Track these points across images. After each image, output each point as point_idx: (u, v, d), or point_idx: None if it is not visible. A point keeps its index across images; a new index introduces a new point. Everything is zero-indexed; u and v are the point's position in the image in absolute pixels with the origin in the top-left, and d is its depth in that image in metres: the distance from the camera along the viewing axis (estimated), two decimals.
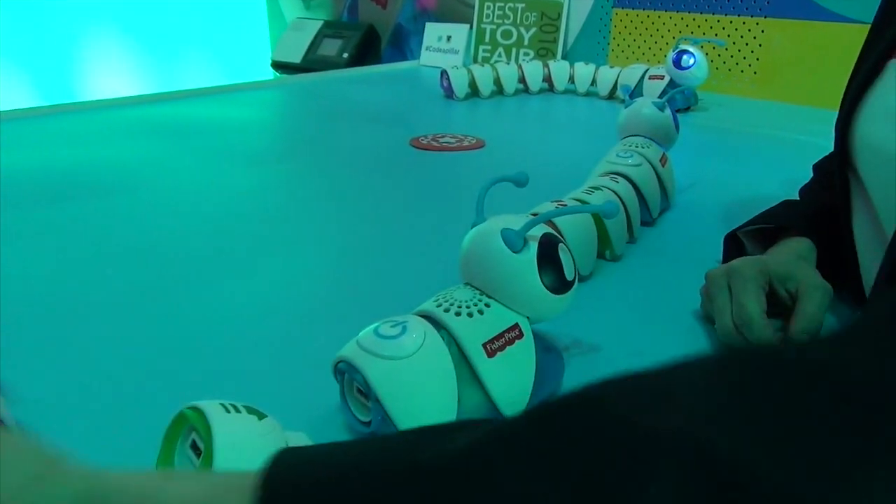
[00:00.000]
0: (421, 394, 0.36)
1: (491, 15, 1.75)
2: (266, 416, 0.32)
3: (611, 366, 0.47)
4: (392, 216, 0.77)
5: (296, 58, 2.07)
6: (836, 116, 0.50)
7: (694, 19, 1.46)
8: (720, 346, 0.48)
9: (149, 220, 0.75)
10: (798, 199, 0.66)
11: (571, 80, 1.45)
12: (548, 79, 1.46)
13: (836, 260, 0.52)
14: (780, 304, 0.47)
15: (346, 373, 0.38)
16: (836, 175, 0.50)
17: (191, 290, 0.58)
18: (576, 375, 0.45)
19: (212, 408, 0.30)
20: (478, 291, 0.40)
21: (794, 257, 0.51)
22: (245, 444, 0.29)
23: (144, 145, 1.05)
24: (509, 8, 1.72)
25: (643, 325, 0.52)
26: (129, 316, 0.53)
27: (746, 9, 1.39)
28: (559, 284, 0.40)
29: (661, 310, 0.55)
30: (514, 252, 0.39)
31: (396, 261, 0.65)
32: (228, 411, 0.30)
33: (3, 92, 1.94)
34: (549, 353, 0.43)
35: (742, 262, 0.49)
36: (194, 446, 0.31)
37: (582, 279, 0.59)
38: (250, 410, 0.31)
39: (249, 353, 0.48)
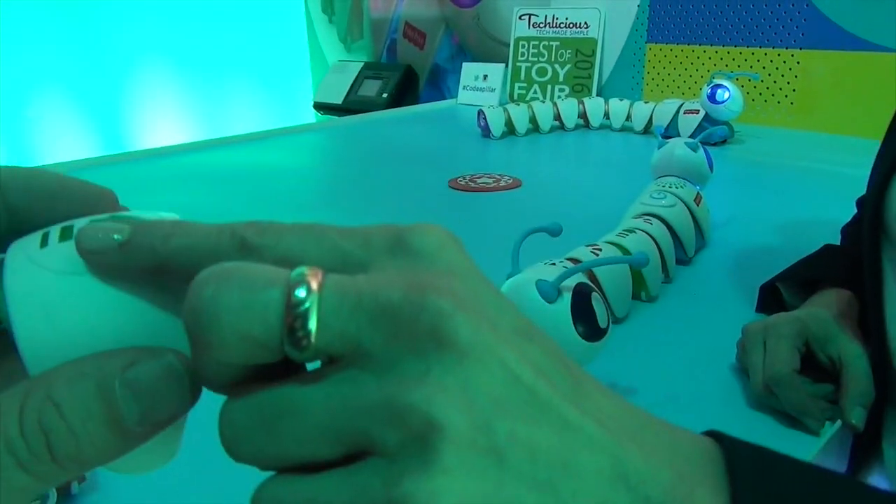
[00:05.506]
0: None
1: (526, 53, 1.79)
2: None
3: (647, 409, 0.48)
4: None
5: (337, 99, 2.14)
6: (876, 148, 0.51)
7: (728, 52, 1.48)
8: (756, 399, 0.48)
9: None
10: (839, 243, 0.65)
11: (606, 115, 1.47)
12: (583, 115, 1.49)
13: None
14: (819, 367, 0.48)
15: None
16: (864, 240, 0.49)
17: None
18: None
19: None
20: None
21: (833, 315, 0.50)
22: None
23: (191, 193, 1.10)
24: (544, 46, 1.75)
25: (679, 368, 0.53)
26: None
27: (781, 41, 1.40)
28: (593, 333, 0.41)
29: (697, 352, 0.56)
30: (549, 303, 0.41)
31: None
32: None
33: (62, 145, 2.05)
34: None
35: (779, 319, 0.49)
36: None
37: (617, 321, 0.60)
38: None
39: None
